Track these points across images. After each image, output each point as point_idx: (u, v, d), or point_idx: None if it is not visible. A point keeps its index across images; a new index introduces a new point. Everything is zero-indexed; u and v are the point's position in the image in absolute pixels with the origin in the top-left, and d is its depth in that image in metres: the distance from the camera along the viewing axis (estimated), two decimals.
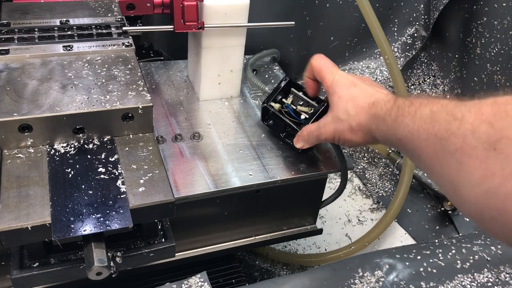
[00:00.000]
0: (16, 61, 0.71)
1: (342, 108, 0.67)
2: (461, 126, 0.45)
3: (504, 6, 1.19)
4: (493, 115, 0.43)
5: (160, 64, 1.02)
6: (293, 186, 0.80)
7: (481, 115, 0.44)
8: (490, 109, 0.44)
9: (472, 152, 0.43)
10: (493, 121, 0.43)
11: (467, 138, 0.44)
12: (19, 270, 0.60)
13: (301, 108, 0.79)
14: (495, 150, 0.41)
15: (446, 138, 0.46)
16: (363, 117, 0.64)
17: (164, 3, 0.89)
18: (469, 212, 0.46)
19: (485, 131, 0.43)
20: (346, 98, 0.67)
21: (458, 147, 0.45)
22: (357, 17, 1.39)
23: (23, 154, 0.63)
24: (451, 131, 0.46)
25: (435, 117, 0.49)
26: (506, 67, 1.20)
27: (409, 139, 0.53)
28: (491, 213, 0.42)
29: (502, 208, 0.41)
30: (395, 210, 1.14)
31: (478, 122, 0.44)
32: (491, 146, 0.42)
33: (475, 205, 0.44)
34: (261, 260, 1.12)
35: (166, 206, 0.60)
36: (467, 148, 0.44)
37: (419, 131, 0.51)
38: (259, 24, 0.88)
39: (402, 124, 0.54)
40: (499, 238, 0.45)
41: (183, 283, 0.68)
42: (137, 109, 0.66)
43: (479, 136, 0.43)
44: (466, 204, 0.45)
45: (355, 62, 1.50)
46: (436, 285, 0.76)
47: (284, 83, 0.81)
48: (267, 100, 0.82)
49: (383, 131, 0.59)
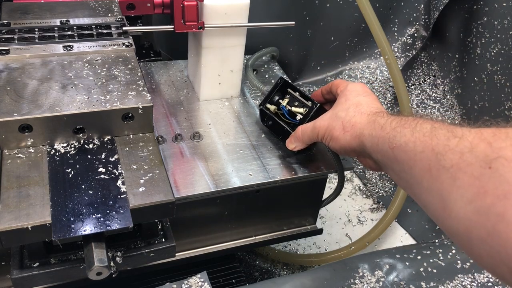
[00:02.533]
0: (16, 61, 0.71)
1: (344, 108, 0.68)
2: (459, 143, 0.45)
3: (504, 6, 1.19)
4: (492, 135, 0.43)
5: (160, 64, 1.02)
6: (293, 186, 0.80)
7: (481, 134, 0.44)
8: (491, 130, 0.44)
9: (467, 169, 0.43)
10: (492, 141, 0.42)
11: (464, 155, 0.44)
12: (19, 270, 0.60)
13: (296, 109, 0.79)
14: (490, 168, 0.41)
15: (443, 153, 0.46)
16: (360, 120, 0.64)
17: (164, 3, 0.89)
18: (456, 230, 0.44)
19: (483, 149, 0.42)
20: (352, 102, 0.68)
21: (454, 163, 0.44)
22: (357, 17, 1.39)
23: (23, 154, 0.63)
24: (449, 147, 0.46)
25: (434, 132, 0.49)
26: (506, 67, 1.19)
27: (404, 149, 0.52)
28: (480, 233, 0.41)
29: (491, 229, 0.40)
30: (395, 210, 1.14)
31: (477, 141, 0.44)
32: (487, 165, 0.41)
33: (464, 223, 0.43)
34: (261, 260, 1.12)
35: (166, 206, 0.60)
36: (463, 165, 0.43)
37: (416, 142, 0.50)
38: (259, 24, 0.88)
39: (400, 133, 0.54)
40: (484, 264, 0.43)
41: (183, 283, 0.68)
42: (137, 109, 0.66)
43: (476, 154, 0.43)
44: (454, 221, 0.44)
45: (355, 62, 1.50)
46: (436, 285, 0.76)
47: (279, 84, 0.81)
48: (263, 102, 0.82)
49: (376, 138, 0.58)
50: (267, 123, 0.83)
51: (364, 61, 1.50)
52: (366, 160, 0.66)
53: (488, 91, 1.26)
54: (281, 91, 0.82)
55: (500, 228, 0.39)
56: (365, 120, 0.63)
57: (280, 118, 0.80)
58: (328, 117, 0.69)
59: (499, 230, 0.39)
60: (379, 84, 1.48)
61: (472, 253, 0.44)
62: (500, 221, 0.39)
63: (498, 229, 0.39)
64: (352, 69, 1.50)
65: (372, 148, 0.60)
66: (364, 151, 0.63)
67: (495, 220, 0.39)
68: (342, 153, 0.69)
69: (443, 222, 0.47)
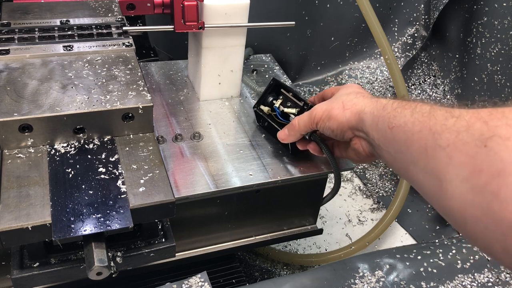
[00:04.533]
0: (16, 61, 0.71)
1: (345, 93, 0.68)
2: (456, 123, 0.45)
3: (504, 6, 1.19)
4: (489, 114, 0.43)
5: (160, 64, 1.02)
6: (293, 186, 0.80)
7: (478, 114, 0.44)
8: (487, 110, 0.44)
9: (463, 148, 0.43)
10: (488, 120, 0.43)
11: (460, 134, 0.44)
12: (19, 270, 0.60)
13: (288, 110, 0.79)
14: (485, 147, 0.41)
15: (440, 132, 0.47)
16: (361, 101, 0.64)
17: (164, 3, 0.89)
18: (451, 210, 0.45)
19: (479, 128, 0.43)
20: (352, 91, 0.69)
21: (451, 142, 0.45)
22: (357, 17, 1.39)
23: (23, 154, 0.63)
24: (446, 126, 0.46)
25: (433, 112, 0.50)
26: (506, 67, 1.20)
27: (402, 129, 0.53)
28: (475, 211, 0.41)
29: (486, 208, 0.40)
30: (395, 210, 1.14)
31: (474, 120, 0.44)
32: (482, 143, 0.42)
33: (459, 201, 0.43)
34: (262, 260, 1.12)
35: (166, 206, 0.60)
36: (459, 144, 0.44)
37: (414, 122, 0.51)
38: (259, 24, 0.88)
39: (401, 114, 0.54)
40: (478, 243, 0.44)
41: (184, 283, 0.68)
42: (138, 109, 0.66)
43: (472, 133, 0.43)
44: (449, 200, 0.44)
45: (355, 62, 1.50)
46: (437, 285, 0.76)
47: (271, 86, 0.82)
48: (257, 104, 0.83)
49: (376, 117, 0.59)
50: (263, 124, 0.84)
51: (364, 61, 1.51)
52: (360, 141, 0.65)
53: (488, 91, 1.26)
54: (275, 92, 0.82)
55: (494, 206, 0.39)
56: (367, 101, 0.63)
57: (274, 119, 0.80)
58: (326, 102, 0.70)
59: (493, 208, 0.39)
60: (379, 84, 1.48)
61: (467, 232, 0.44)
62: (494, 199, 0.39)
63: (493, 207, 0.39)
64: (352, 69, 1.50)
65: (371, 126, 0.60)
66: (362, 129, 0.62)
67: (489, 198, 0.40)
68: (338, 133, 0.67)
69: (438, 202, 0.47)
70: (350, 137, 0.67)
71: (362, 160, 0.70)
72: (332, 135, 0.69)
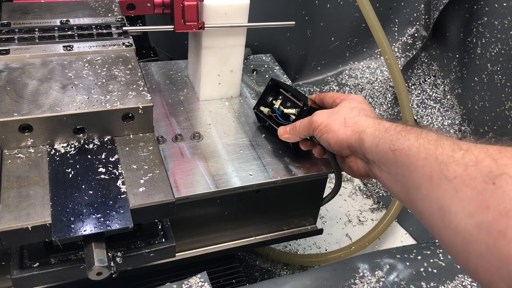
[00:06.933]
0: (16, 61, 0.71)
1: (348, 108, 0.67)
2: (465, 156, 0.45)
3: (504, 6, 1.19)
4: (498, 152, 0.43)
5: (160, 64, 1.02)
6: (293, 186, 0.80)
7: (487, 150, 0.44)
8: (496, 147, 0.44)
9: (470, 182, 0.43)
10: (497, 158, 0.43)
11: (468, 168, 0.44)
12: (19, 270, 0.60)
13: (288, 110, 0.79)
14: (494, 184, 0.41)
15: (447, 163, 0.46)
16: (364, 120, 0.63)
17: (164, 3, 0.89)
18: (454, 242, 0.44)
19: (488, 165, 0.43)
20: (355, 106, 0.68)
21: (458, 175, 0.44)
22: (357, 17, 1.39)
23: (23, 154, 0.63)
24: (454, 158, 0.46)
25: (440, 141, 0.49)
26: (506, 67, 1.19)
27: (406, 153, 0.52)
28: (479, 247, 0.41)
29: (492, 245, 0.40)
30: (395, 210, 1.14)
31: (483, 156, 0.44)
32: (491, 180, 0.41)
33: (463, 235, 0.43)
34: (262, 260, 1.12)
35: (166, 206, 0.60)
36: (467, 178, 0.43)
37: (419, 148, 0.50)
38: (259, 24, 0.88)
39: (405, 137, 0.54)
40: (479, 279, 0.43)
41: (184, 283, 0.68)
42: (138, 109, 0.66)
43: (481, 169, 0.43)
44: (452, 233, 0.44)
45: (355, 62, 1.50)
46: (437, 285, 0.76)
47: (270, 86, 0.82)
48: (257, 105, 0.82)
49: (377, 138, 0.58)
50: (264, 124, 0.84)
51: (364, 61, 1.50)
52: (356, 160, 0.65)
53: (488, 91, 1.26)
54: (274, 92, 0.82)
55: (501, 245, 0.39)
56: (370, 121, 0.63)
57: (274, 120, 0.80)
58: (328, 111, 0.69)
59: (500, 246, 0.39)
60: (379, 84, 1.48)
61: (468, 266, 0.44)
62: (501, 238, 0.39)
63: (499, 246, 0.39)
64: (352, 69, 1.50)
65: (370, 147, 0.59)
66: (359, 148, 0.62)
67: (496, 236, 0.39)
68: (336, 148, 0.67)
69: (439, 232, 0.47)
70: (347, 154, 0.67)
71: (356, 176, 0.69)
72: (328, 148, 0.69)
